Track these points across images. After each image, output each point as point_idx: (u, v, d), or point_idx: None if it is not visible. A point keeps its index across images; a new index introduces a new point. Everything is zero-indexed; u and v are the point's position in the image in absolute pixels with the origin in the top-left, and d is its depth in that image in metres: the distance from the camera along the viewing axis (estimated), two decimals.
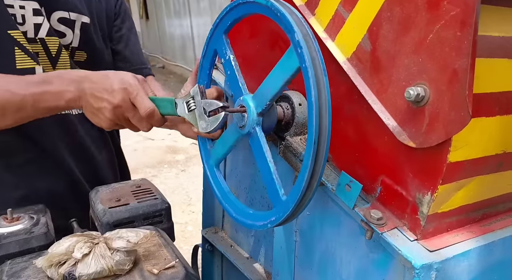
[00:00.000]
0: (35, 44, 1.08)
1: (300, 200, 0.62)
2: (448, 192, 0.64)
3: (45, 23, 1.08)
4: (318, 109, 0.58)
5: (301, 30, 0.60)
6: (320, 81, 0.59)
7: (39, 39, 1.08)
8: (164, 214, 1.02)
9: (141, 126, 0.88)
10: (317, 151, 0.60)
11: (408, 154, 0.64)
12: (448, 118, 0.56)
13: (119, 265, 0.74)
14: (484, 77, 0.59)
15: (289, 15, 0.62)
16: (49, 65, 1.11)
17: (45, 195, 1.12)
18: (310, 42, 0.60)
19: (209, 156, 0.86)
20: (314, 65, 0.59)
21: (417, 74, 0.60)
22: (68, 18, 1.13)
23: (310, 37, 0.60)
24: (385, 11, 0.64)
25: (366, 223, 0.67)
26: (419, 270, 0.61)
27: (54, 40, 1.11)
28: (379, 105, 0.66)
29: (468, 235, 0.69)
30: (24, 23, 1.05)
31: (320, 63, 0.59)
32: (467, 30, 0.53)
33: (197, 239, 1.40)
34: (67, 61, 1.15)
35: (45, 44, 1.10)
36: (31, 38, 1.07)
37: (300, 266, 0.87)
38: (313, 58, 0.59)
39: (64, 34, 1.14)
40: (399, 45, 0.62)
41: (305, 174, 0.60)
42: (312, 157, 0.59)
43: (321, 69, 0.59)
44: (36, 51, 1.08)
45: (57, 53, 1.12)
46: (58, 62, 1.13)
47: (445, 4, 0.55)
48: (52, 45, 1.11)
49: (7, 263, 0.80)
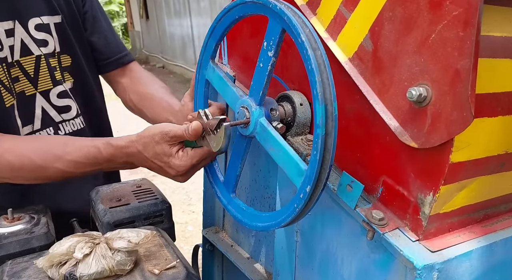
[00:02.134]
0: (14, 68, 1.03)
1: (321, 163, 0.61)
2: (450, 192, 0.63)
3: (16, 44, 1.03)
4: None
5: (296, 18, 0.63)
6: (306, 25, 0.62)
7: (16, 62, 1.03)
8: (164, 214, 1.02)
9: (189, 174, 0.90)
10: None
11: (410, 154, 0.64)
12: (451, 119, 0.56)
13: (120, 265, 0.74)
14: (486, 78, 0.59)
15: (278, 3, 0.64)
16: (31, 86, 1.07)
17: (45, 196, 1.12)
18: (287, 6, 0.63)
19: (223, 188, 0.85)
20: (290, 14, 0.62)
21: (419, 74, 0.60)
22: (42, 23, 1.08)
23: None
24: (387, 11, 0.63)
25: (367, 224, 0.67)
26: (421, 271, 0.61)
27: (29, 59, 1.06)
28: (381, 105, 0.66)
29: (470, 235, 0.69)
30: (3, 48, 1.00)
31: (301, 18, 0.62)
32: (470, 30, 0.52)
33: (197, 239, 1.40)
34: (47, 78, 1.09)
35: (21, 66, 1.05)
36: (10, 63, 1.02)
37: (301, 266, 0.87)
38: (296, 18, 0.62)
39: (46, 41, 1.09)
40: (401, 45, 0.62)
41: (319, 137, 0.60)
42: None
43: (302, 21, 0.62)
44: (15, 75, 1.03)
45: (35, 73, 1.07)
46: (39, 82, 1.08)
47: (448, 4, 0.55)
48: (28, 65, 1.06)
49: (8, 263, 0.80)
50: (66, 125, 1.15)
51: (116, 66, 1.26)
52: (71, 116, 1.16)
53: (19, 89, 1.05)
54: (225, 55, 1.06)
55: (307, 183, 0.63)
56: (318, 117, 0.59)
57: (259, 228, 0.74)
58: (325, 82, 0.59)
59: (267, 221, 0.73)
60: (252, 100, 0.73)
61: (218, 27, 0.80)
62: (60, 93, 1.13)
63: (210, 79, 0.85)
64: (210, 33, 0.82)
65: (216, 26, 0.80)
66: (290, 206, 0.67)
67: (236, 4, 0.74)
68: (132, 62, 1.29)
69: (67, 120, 1.15)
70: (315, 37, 0.62)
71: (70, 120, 1.16)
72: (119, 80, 1.27)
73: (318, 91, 0.59)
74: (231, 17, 0.76)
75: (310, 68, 0.60)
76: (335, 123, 0.60)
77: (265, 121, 0.72)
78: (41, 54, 1.08)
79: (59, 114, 1.13)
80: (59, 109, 1.13)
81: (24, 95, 1.06)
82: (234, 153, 0.80)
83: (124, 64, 1.27)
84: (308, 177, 0.63)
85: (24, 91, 1.06)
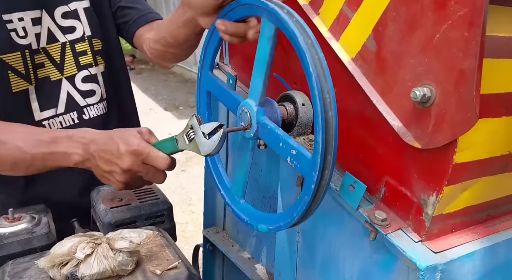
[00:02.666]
0: (39, 55, 1.08)
1: (325, 147, 0.60)
2: (454, 193, 0.63)
3: (43, 32, 1.08)
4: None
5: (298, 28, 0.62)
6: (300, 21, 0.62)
7: (42, 49, 1.08)
8: (166, 214, 1.01)
9: (158, 179, 0.87)
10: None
11: (414, 155, 0.63)
12: (455, 119, 0.56)
13: (121, 265, 0.74)
14: (490, 78, 0.59)
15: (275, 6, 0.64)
16: (57, 72, 1.12)
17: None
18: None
19: (233, 195, 0.83)
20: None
21: (423, 74, 0.60)
22: (69, 11, 1.12)
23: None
24: (390, 10, 0.63)
25: (370, 224, 0.67)
26: (423, 272, 0.61)
27: (55, 46, 1.11)
28: (384, 106, 0.66)
29: (473, 236, 0.69)
30: (27, 36, 1.05)
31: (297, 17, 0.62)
32: (475, 30, 0.52)
33: (198, 239, 1.40)
34: (72, 64, 1.14)
35: (48, 53, 1.10)
36: (35, 49, 1.07)
37: (302, 267, 0.87)
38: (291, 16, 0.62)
39: (74, 27, 1.13)
40: (405, 45, 0.62)
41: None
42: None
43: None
44: (41, 62, 1.08)
45: (61, 59, 1.12)
46: (64, 68, 1.13)
47: (453, 4, 0.54)
48: (54, 51, 1.11)
49: (9, 264, 0.79)
50: (90, 109, 1.18)
51: (140, 23, 1.23)
52: (95, 101, 1.19)
53: (44, 74, 1.10)
54: (227, 55, 1.06)
55: (312, 170, 0.62)
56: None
57: (268, 230, 0.73)
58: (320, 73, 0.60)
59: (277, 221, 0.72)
60: (252, 101, 0.73)
61: (212, 40, 0.82)
62: (85, 78, 1.17)
63: (211, 90, 0.86)
64: (206, 46, 0.84)
65: (209, 40, 0.82)
66: (300, 200, 0.66)
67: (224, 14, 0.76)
68: (158, 19, 1.25)
69: (91, 105, 1.18)
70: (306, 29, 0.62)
71: (94, 104, 1.18)
72: (145, 37, 1.20)
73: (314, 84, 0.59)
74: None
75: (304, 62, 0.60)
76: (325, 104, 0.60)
77: (267, 120, 0.72)
78: (66, 41, 1.13)
79: (83, 99, 1.16)
80: (83, 93, 1.17)
81: (50, 80, 1.11)
82: (239, 157, 0.79)
83: (148, 22, 1.23)
84: (313, 166, 0.62)
85: (50, 76, 1.11)
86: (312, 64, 0.59)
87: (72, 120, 1.15)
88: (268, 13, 0.66)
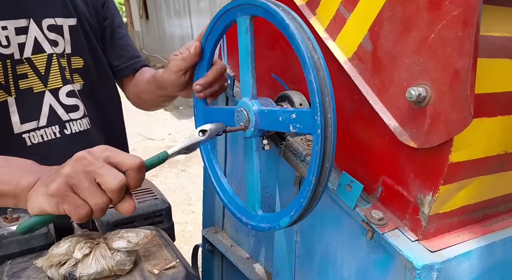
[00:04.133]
0: (22, 65, 1.04)
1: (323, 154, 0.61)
2: (450, 192, 0.63)
3: (29, 42, 1.04)
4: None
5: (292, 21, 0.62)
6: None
7: (26, 59, 1.05)
8: (164, 214, 1.02)
9: (102, 203, 0.63)
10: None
11: (410, 154, 0.64)
12: (450, 119, 0.56)
13: (119, 265, 0.74)
14: (485, 78, 0.59)
15: (274, 6, 0.64)
16: (40, 84, 1.08)
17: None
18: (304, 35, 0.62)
19: (249, 212, 0.78)
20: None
21: (419, 74, 0.60)
22: (55, 24, 1.10)
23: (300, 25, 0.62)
24: (386, 11, 0.63)
25: (367, 224, 0.67)
26: (420, 271, 0.61)
27: (40, 57, 1.07)
28: (380, 105, 0.66)
29: (470, 235, 0.69)
30: (9, 45, 1.01)
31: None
32: (469, 30, 0.52)
33: (197, 239, 1.40)
34: (58, 77, 1.10)
35: (32, 63, 1.06)
36: (17, 60, 1.03)
37: (300, 266, 0.87)
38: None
39: (57, 42, 1.10)
40: (400, 45, 0.62)
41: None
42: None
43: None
44: (23, 72, 1.04)
45: (46, 70, 1.08)
46: (49, 80, 1.09)
47: (447, 4, 0.55)
48: (40, 62, 1.07)
49: (7, 263, 0.80)
50: (73, 124, 1.15)
51: (128, 71, 1.27)
52: (79, 116, 1.16)
53: (26, 86, 1.06)
54: (225, 55, 1.06)
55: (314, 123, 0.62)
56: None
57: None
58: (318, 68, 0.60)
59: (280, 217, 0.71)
60: (245, 98, 0.73)
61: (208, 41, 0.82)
62: (69, 92, 1.14)
63: (210, 120, 0.81)
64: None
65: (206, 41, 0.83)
66: (300, 195, 0.65)
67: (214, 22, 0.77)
68: (144, 67, 1.29)
69: (74, 120, 1.15)
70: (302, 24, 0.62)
71: (77, 119, 1.16)
72: (127, 86, 1.29)
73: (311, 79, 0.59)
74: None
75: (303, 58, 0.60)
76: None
77: (264, 108, 0.71)
78: (53, 53, 1.10)
79: (66, 113, 1.13)
80: (67, 107, 1.14)
81: (32, 92, 1.07)
82: (247, 165, 0.77)
83: (136, 70, 1.28)
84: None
85: (33, 87, 1.07)
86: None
87: (54, 134, 1.11)
88: (239, 6, 0.68)
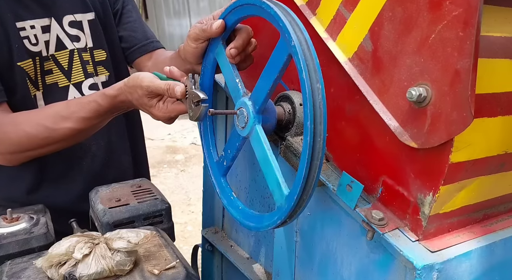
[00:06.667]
0: (48, 62, 1.11)
1: (304, 186, 0.61)
2: (450, 192, 0.63)
3: (52, 39, 1.12)
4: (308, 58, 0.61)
5: (287, 18, 0.63)
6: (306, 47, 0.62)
7: (51, 56, 1.12)
8: (164, 214, 1.01)
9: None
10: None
11: (410, 154, 0.64)
12: (450, 119, 0.56)
13: (119, 265, 0.74)
14: (486, 78, 0.59)
15: (273, 5, 0.64)
16: (64, 79, 1.15)
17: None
18: (296, 27, 0.62)
19: (216, 168, 0.85)
20: (301, 44, 0.61)
21: (419, 74, 0.60)
22: (75, 21, 1.16)
23: (296, 23, 0.63)
24: (386, 11, 0.63)
25: (367, 224, 0.67)
26: (420, 271, 0.61)
27: (63, 53, 1.14)
28: (380, 106, 0.66)
29: (470, 235, 0.69)
30: (38, 43, 1.09)
31: (308, 43, 0.62)
32: (469, 30, 0.52)
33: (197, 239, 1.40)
34: (80, 71, 1.17)
35: (56, 59, 1.13)
36: (45, 57, 1.11)
37: (300, 267, 0.87)
38: (300, 39, 0.61)
39: (78, 37, 1.17)
40: (401, 45, 0.62)
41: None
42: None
43: (308, 47, 0.62)
44: (49, 68, 1.12)
45: (69, 66, 1.15)
46: (72, 75, 1.16)
47: (448, 4, 0.55)
48: (62, 58, 1.14)
49: (7, 264, 0.80)
50: None
51: (141, 53, 1.28)
52: None
53: (52, 81, 1.14)
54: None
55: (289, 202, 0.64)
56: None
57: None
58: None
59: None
60: (252, 105, 0.72)
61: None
62: (91, 85, 1.20)
63: (218, 59, 0.83)
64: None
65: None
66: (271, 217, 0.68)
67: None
68: (159, 49, 1.30)
69: None
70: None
71: None
72: (144, 65, 1.28)
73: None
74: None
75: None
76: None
77: (260, 129, 0.71)
78: (74, 48, 1.16)
79: None
80: None
81: (57, 87, 1.14)
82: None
83: (148, 51, 1.28)
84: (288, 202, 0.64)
85: (57, 82, 1.14)
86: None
87: None
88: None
